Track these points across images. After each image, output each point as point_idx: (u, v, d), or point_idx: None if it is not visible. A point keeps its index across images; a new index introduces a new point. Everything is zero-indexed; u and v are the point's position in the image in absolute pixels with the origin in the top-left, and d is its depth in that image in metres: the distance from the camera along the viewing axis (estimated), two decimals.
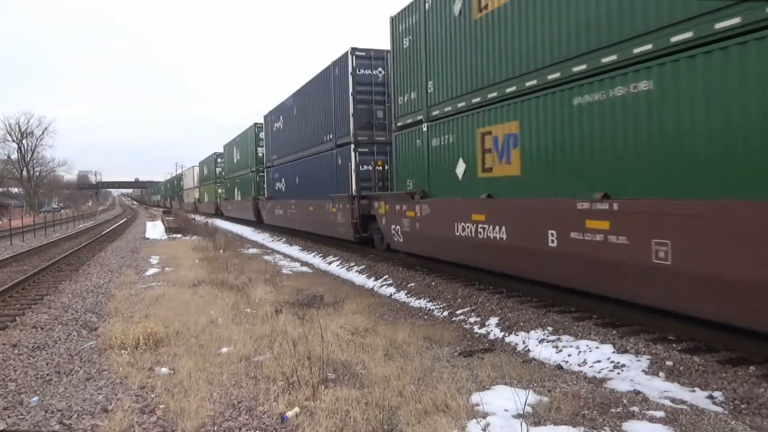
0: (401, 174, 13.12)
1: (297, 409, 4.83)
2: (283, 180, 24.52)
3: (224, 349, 6.74)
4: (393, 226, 13.18)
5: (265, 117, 27.80)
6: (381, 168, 15.70)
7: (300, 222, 21.86)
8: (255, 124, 30.89)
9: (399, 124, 13.11)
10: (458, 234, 10.33)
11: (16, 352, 7.10)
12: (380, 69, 16.17)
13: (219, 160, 45.38)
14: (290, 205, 22.75)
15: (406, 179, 12.81)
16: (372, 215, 14.85)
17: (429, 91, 11.53)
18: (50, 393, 5.56)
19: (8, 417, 4.98)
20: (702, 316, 6.15)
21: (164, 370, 6.10)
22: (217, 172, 45.14)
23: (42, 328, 8.35)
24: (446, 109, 10.91)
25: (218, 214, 44.10)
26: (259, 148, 30.21)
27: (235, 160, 37.45)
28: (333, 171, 17.67)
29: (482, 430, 4.35)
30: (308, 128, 20.36)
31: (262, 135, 29.64)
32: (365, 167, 16.00)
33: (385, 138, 15.81)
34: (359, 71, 16.02)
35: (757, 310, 5.32)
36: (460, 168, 10.48)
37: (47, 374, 6.17)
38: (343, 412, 4.69)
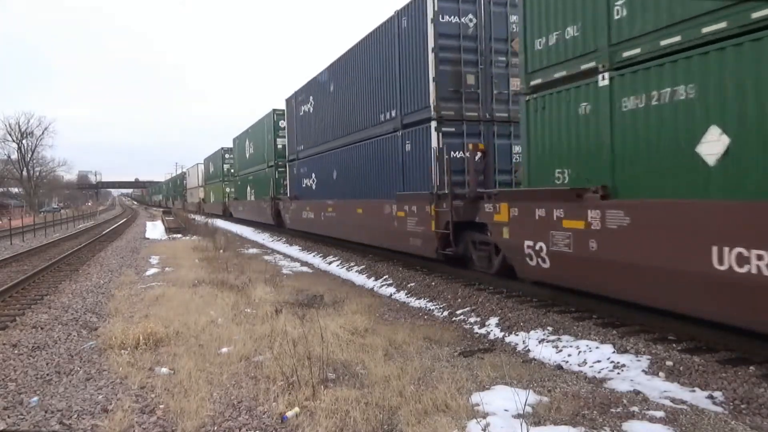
0: (542, 160, 8.66)
1: (297, 409, 4.83)
2: (313, 176, 20.18)
3: (224, 349, 6.74)
4: (529, 243, 8.49)
5: (288, 100, 23.26)
6: (480, 155, 11.07)
7: (341, 228, 17.16)
8: (274, 110, 26.38)
9: (536, 82, 8.71)
10: (720, 268, 5.54)
11: (16, 352, 7.10)
12: (470, 16, 11.53)
13: (227, 155, 41.54)
14: (324, 206, 18.29)
15: (552, 168, 8.43)
16: (473, 222, 10.31)
17: (617, 15, 7.14)
18: (50, 393, 5.56)
19: (8, 417, 4.98)
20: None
21: (164, 370, 6.10)
22: (225, 170, 41.64)
23: (42, 328, 8.35)
24: (667, 42, 6.42)
25: (226, 215, 40.82)
26: (279, 139, 25.82)
27: (247, 155, 32.78)
28: (396, 161, 13.15)
29: (482, 430, 4.35)
30: (353, 107, 15.83)
31: (282, 123, 25.15)
32: (455, 154, 11.30)
33: (478, 114, 11.54)
34: (443, 18, 11.32)
35: None
36: (713, 144, 6.00)
37: (47, 374, 6.17)
38: (343, 412, 4.69)
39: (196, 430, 4.58)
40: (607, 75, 7.38)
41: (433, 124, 11.38)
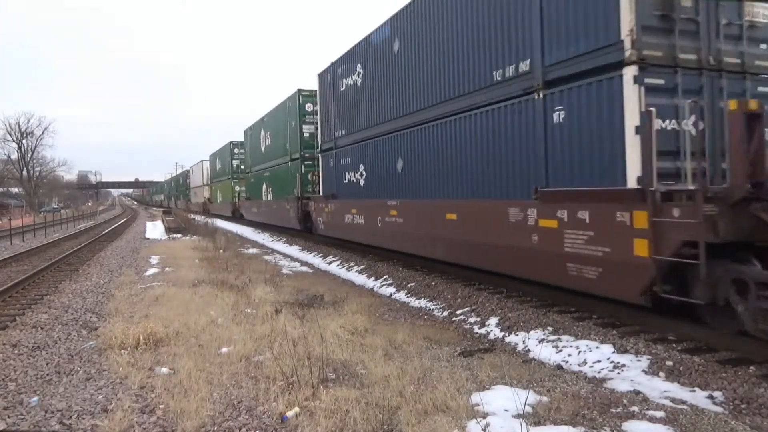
0: None
1: (297, 409, 4.83)
2: (361, 168, 15.57)
3: (224, 349, 6.74)
4: None
5: (321, 75, 18.73)
6: (702, 127, 6.78)
7: (414, 240, 12.54)
8: (299, 91, 21.55)
9: None
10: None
11: (16, 352, 7.10)
12: None
13: (237, 150, 37.33)
14: (382, 209, 13.70)
15: None
16: (740, 246, 6.24)
17: None
18: (50, 393, 5.56)
19: (8, 417, 4.98)
20: None
21: (164, 370, 6.10)
22: (235, 166, 37.68)
23: (42, 328, 8.35)
24: None
25: (236, 217, 37.14)
26: (305, 126, 21.33)
27: (263, 148, 28.19)
28: (530, 139, 8.58)
29: (482, 430, 4.35)
30: (438, 67, 11.11)
31: (309, 107, 21.12)
32: (664, 125, 6.85)
33: (698, 56, 7.06)
34: None
35: None
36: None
37: (47, 374, 6.17)
38: (342, 412, 4.69)
39: (196, 430, 4.58)
40: None
41: (630, 72, 6.77)
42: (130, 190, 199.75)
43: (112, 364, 6.39)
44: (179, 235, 27.08)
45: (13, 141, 74.93)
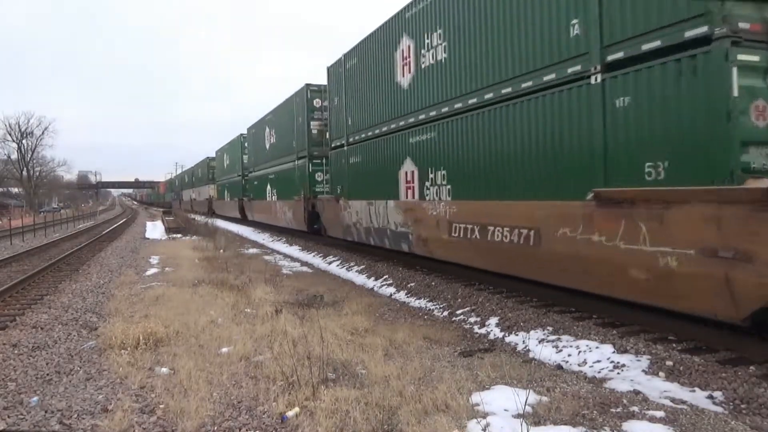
0: None
1: (297, 409, 4.83)
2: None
3: (224, 349, 6.74)
4: None
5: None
6: None
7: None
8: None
9: None
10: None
11: (16, 352, 7.09)
12: None
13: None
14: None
15: None
16: None
17: None
18: (50, 393, 5.56)
19: (8, 417, 4.97)
20: None
21: (164, 370, 6.10)
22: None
23: (42, 328, 8.35)
24: None
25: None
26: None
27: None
28: None
29: (482, 430, 4.35)
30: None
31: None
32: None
33: None
34: None
35: None
36: None
37: (47, 374, 6.17)
38: (343, 412, 4.69)
39: (196, 430, 4.58)
40: None
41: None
42: (130, 190, 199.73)
43: (112, 364, 6.39)
44: (179, 235, 27.09)
45: (13, 141, 75.03)
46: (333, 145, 17.73)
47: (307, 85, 20.36)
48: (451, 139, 10.63)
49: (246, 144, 33.31)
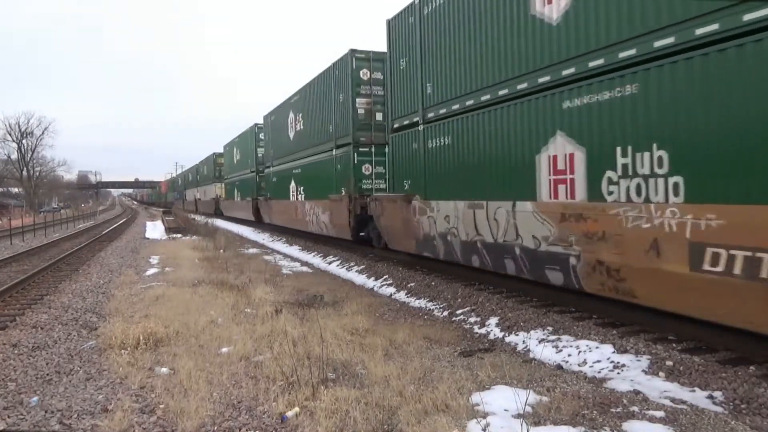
0: None
1: (297, 409, 4.83)
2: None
3: (224, 349, 6.74)
4: None
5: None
6: None
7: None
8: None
9: None
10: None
11: (16, 352, 7.09)
12: None
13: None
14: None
15: None
16: None
17: None
18: (50, 393, 5.56)
19: (8, 417, 4.97)
20: None
21: (164, 370, 6.10)
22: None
23: (42, 328, 8.35)
24: None
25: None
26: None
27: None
28: None
29: (482, 430, 4.35)
30: None
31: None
32: None
33: None
34: None
35: None
36: None
37: (47, 374, 6.17)
38: (342, 412, 4.69)
39: (196, 430, 4.58)
40: None
41: None
42: (130, 190, 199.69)
43: (112, 364, 6.39)
44: (179, 235, 27.09)
45: (13, 141, 74.99)
46: (396, 126, 13.14)
47: (352, 51, 15.77)
48: (676, 93, 6.12)
49: (261, 135, 28.74)
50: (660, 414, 4.67)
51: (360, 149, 15.94)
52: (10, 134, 74.17)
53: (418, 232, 11.86)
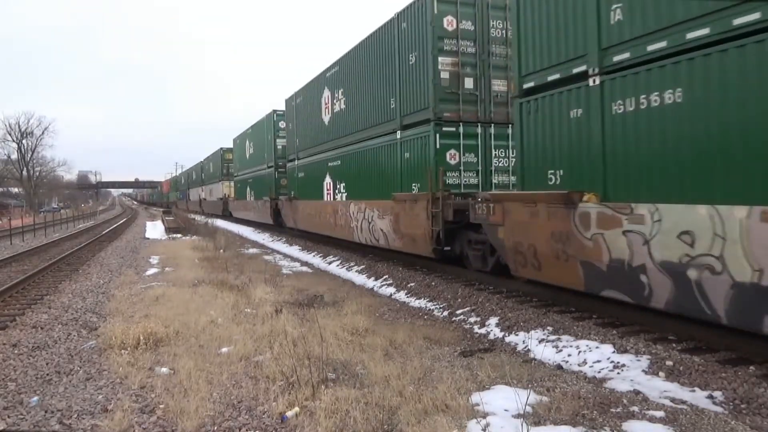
0: None
1: (297, 408, 4.83)
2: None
3: (224, 349, 6.74)
4: None
5: None
6: None
7: None
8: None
9: None
10: None
11: (16, 352, 7.09)
12: None
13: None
14: None
15: None
16: None
17: None
18: (50, 393, 5.56)
19: (8, 417, 4.97)
20: None
21: (164, 369, 6.10)
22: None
23: (42, 328, 8.34)
24: None
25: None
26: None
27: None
28: None
29: (482, 430, 4.34)
30: None
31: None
32: None
33: None
34: None
35: None
36: None
37: (47, 374, 6.16)
38: (342, 412, 4.68)
39: (196, 430, 4.58)
40: None
41: None
42: (130, 190, 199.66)
43: (112, 364, 6.39)
44: (179, 235, 27.08)
45: (13, 141, 74.98)
46: (530, 86, 8.66)
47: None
48: None
49: (282, 123, 24.22)
50: (660, 414, 4.67)
51: (443, 129, 11.66)
52: (10, 134, 74.25)
53: (595, 256, 7.24)
